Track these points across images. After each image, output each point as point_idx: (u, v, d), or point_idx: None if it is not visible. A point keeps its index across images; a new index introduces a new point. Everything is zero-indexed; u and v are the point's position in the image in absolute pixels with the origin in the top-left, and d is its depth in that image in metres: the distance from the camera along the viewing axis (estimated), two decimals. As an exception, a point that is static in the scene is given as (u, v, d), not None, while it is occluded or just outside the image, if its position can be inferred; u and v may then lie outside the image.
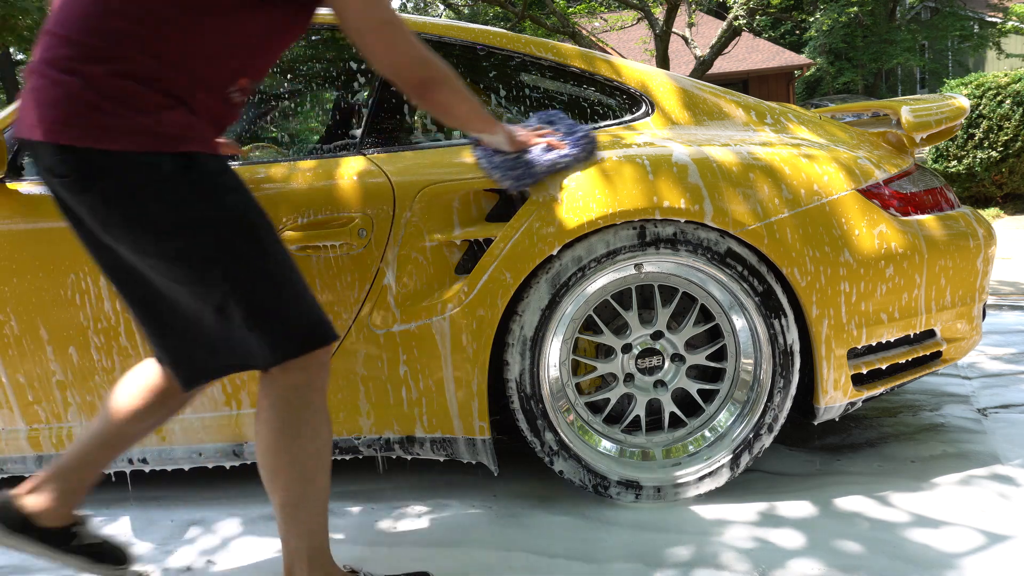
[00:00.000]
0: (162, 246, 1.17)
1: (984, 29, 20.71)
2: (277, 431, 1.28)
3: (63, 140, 1.13)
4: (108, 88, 1.12)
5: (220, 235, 1.19)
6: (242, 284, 1.20)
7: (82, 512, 1.49)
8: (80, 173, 1.14)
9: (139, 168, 1.14)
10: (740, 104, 2.03)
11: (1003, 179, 7.44)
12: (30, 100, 1.17)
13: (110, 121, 1.12)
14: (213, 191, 1.19)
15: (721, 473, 1.84)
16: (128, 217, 1.15)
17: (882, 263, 1.77)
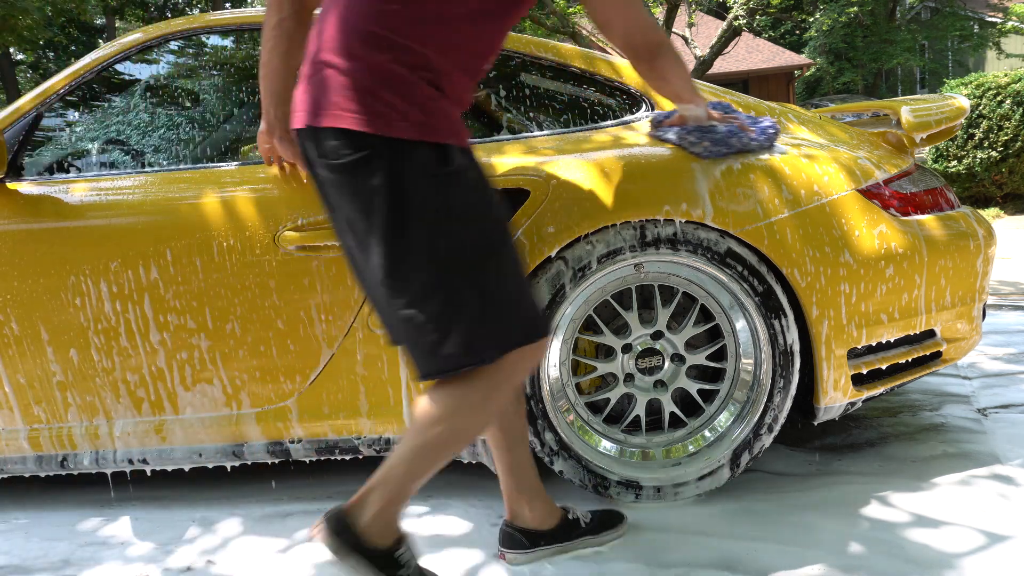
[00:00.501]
0: (415, 232, 1.19)
1: (984, 29, 20.71)
2: (470, 393, 1.26)
3: (341, 124, 1.17)
4: (388, 76, 1.17)
5: (471, 227, 1.22)
6: (485, 275, 1.22)
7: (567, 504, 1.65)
8: (353, 156, 1.17)
9: (407, 155, 1.17)
10: (740, 104, 2.03)
11: (1003, 179, 7.44)
12: (308, 90, 1.22)
13: (385, 109, 1.16)
14: (470, 184, 1.23)
15: (721, 473, 1.84)
16: (390, 202, 1.18)
17: (882, 263, 1.77)
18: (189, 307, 1.79)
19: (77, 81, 1.92)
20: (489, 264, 1.24)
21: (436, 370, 1.25)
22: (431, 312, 1.22)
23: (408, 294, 1.22)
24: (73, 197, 1.82)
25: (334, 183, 1.22)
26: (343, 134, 1.17)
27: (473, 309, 1.22)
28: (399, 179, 1.18)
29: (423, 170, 1.19)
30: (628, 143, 1.84)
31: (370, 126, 1.16)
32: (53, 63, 24.07)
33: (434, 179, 1.19)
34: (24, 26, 11.75)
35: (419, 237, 1.20)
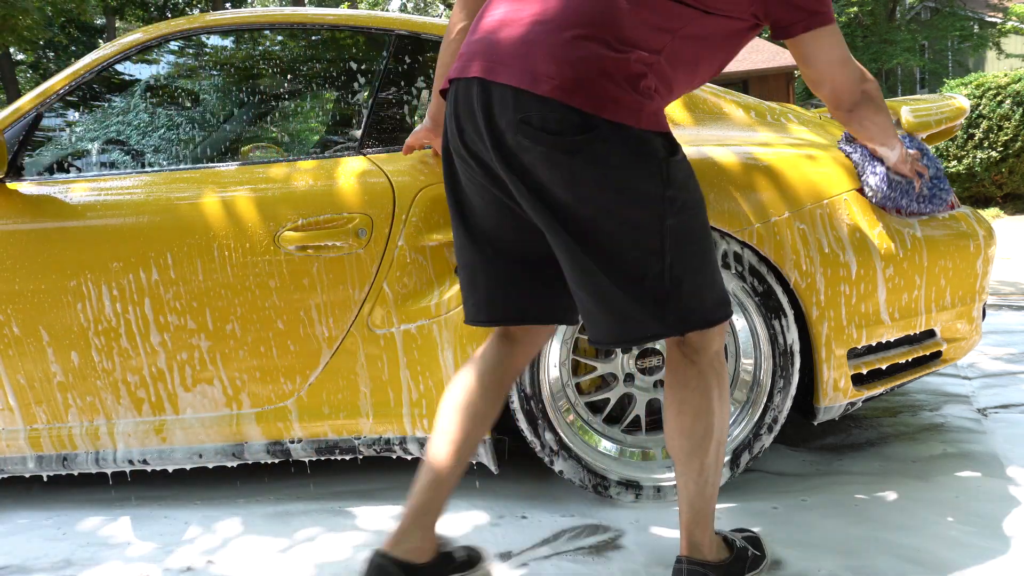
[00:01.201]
0: (625, 211, 1.23)
1: (984, 29, 20.72)
2: (707, 396, 1.35)
3: (574, 102, 1.18)
4: (622, 69, 1.20)
5: (679, 213, 1.25)
6: (678, 260, 1.26)
7: (442, 534, 1.50)
8: (579, 135, 1.19)
9: (634, 142, 1.21)
10: (740, 104, 2.03)
11: (1003, 179, 7.44)
12: (528, 49, 1.22)
13: (619, 95, 1.19)
14: (682, 174, 1.27)
15: (721, 473, 1.84)
16: (606, 182, 1.21)
17: (882, 263, 1.77)
18: (189, 307, 1.79)
19: (77, 81, 1.92)
20: (697, 247, 1.31)
21: (704, 320, 1.32)
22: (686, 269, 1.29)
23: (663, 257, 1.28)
24: (73, 197, 1.82)
25: (534, 154, 1.22)
26: (572, 111, 1.19)
27: (676, 287, 1.28)
28: (617, 161, 1.23)
29: (646, 154, 1.24)
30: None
31: (600, 109, 1.19)
32: (53, 63, 24.06)
33: (656, 164, 1.25)
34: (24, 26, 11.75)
35: (630, 217, 1.26)
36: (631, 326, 1.29)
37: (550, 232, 1.27)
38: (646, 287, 1.26)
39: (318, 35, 2.12)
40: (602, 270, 1.26)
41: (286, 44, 2.23)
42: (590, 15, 1.22)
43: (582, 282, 1.29)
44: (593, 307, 1.30)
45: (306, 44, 2.18)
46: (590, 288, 1.28)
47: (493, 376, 1.45)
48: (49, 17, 14.03)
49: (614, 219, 1.23)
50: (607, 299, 1.28)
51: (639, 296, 1.26)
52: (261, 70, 2.22)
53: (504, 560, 1.63)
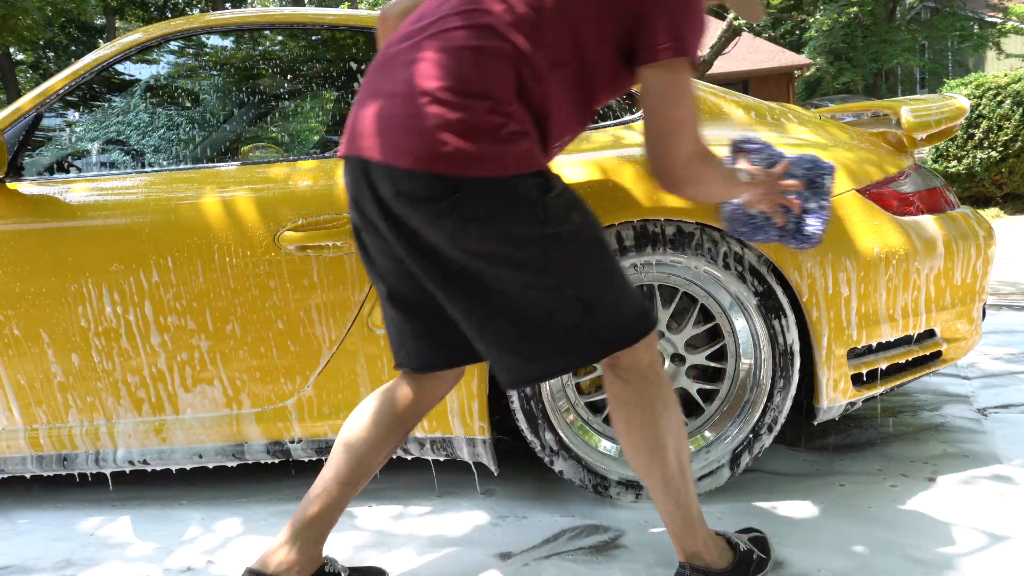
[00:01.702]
0: (513, 256, 1.23)
1: (984, 29, 20.72)
2: (650, 408, 1.35)
3: (435, 169, 1.18)
4: (486, 123, 1.19)
5: (566, 246, 1.25)
6: (581, 287, 1.27)
7: (330, 556, 1.49)
8: (449, 198, 1.19)
9: (504, 192, 1.21)
10: (740, 104, 2.03)
11: (1003, 179, 7.44)
12: (388, 125, 1.22)
13: (478, 152, 1.18)
14: (559, 208, 1.26)
15: (721, 473, 1.84)
16: (489, 235, 1.22)
17: (882, 263, 1.77)
18: (189, 308, 1.79)
19: (77, 81, 1.92)
20: (595, 273, 1.30)
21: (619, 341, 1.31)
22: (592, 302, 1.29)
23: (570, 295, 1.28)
24: (73, 197, 1.82)
25: (414, 219, 1.23)
26: (437, 178, 1.19)
27: (586, 317, 1.28)
28: (493, 212, 1.23)
29: (519, 199, 1.23)
30: (628, 143, 1.84)
31: (462, 168, 1.19)
32: (53, 63, 24.06)
33: (532, 206, 1.24)
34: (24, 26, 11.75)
35: (521, 260, 1.26)
36: (546, 364, 1.30)
37: (443, 293, 1.28)
38: (556, 323, 1.26)
39: (318, 35, 2.12)
40: (505, 319, 1.27)
41: (286, 44, 2.23)
42: (436, 78, 1.21)
43: (485, 336, 1.30)
44: (498, 355, 1.31)
45: (306, 44, 2.18)
46: (493, 339, 1.29)
47: (398, 411, 1.46)
48: (49, 17, 14.03)
49: (505, 268, 1.24)
50: (513, 346, 1.29)
51: (549, 334, 1.27)
52: (261, 70, 2.22)
53: (504, 560, 1.63)
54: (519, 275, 1.24)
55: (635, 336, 1.32)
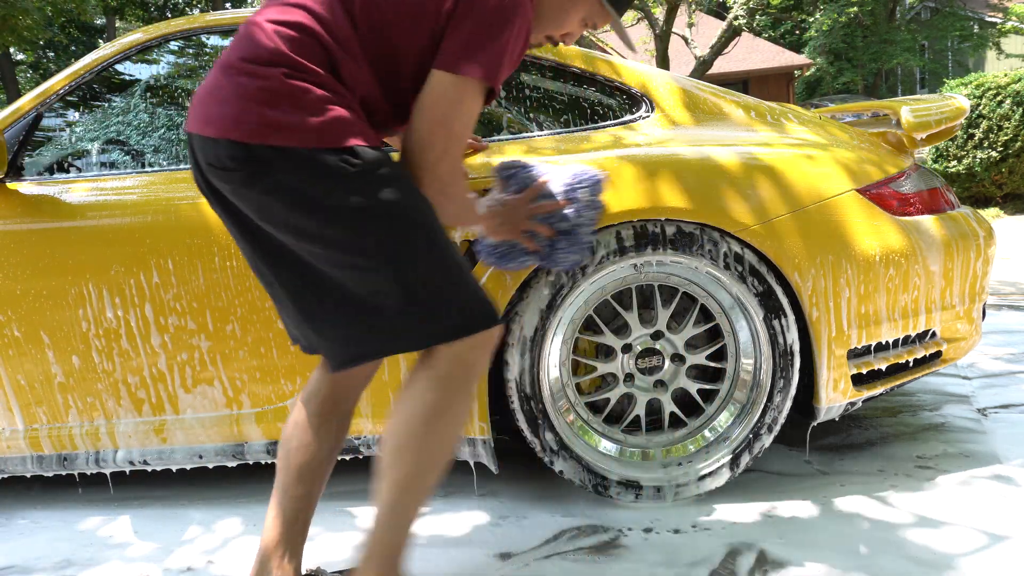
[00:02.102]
0: (323, 232, 1.20)
1: (984, 29, 20.72)
2: (429, 404, 1.25)
3: (233, 136, 1.17)
4: (282, 88, 1.17)
5: (381, 224, 1.20)
6: (401, 270, 1.22)
7: (309, 568, 1.49)
8: (249, 168, 1.18)
9: (305, 162, 1.17)
10: (740, 104, 2.03)
11: (1003, 179, 7.44)
12: (204, 97, 1.23)
13: (277, 119, 1.17)
14: (373, 182, 1.20)
15: (721, 473, 1.84)
16: (292, 206, 1.19)
17: (882, 264, 1.77)
18: (190, 308, 1.79)
19: (77, 81, 1.92)
20: (411, 256, 1.24)
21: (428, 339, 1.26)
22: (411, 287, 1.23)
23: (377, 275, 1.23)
24: (73, 197, 1.82)
25: (227, 190, 1.22)
26: (236, 146, 1.18)
27: (400, 301, 1.23)
28: (295, 184, 1.19)
29: (323, 173, 1.19)
30: (628, 143, 1.84)
31: (263, 137, 1.17)
32: (53, 63, 24.06)
33: (336, 180, 1.20)
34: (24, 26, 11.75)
35: (328, 236, 1.21)
36: (370, 345, 1.26)
37: (266, 269, 1.26)
38: (379, 305, 1.22)
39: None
40: (325, 298, 1.23)
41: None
42: (239, 49, 1.22)
43: (307, 315, 1.27)
44: (322, 336, 1.27)
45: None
46: (315, 319, 1.26)
47: (322, 401, 1.42)
48: (49, 17, 14.03)
49: (316, 244, 1.20)
50: (336, 326, 1.25)
51: (372, 315, 1.23)
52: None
53: (505, 560, 1.63)
54: (331, 253, 1.20)
55: (461, 331, 1.25)
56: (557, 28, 1.40)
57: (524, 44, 1.29)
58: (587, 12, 1.40)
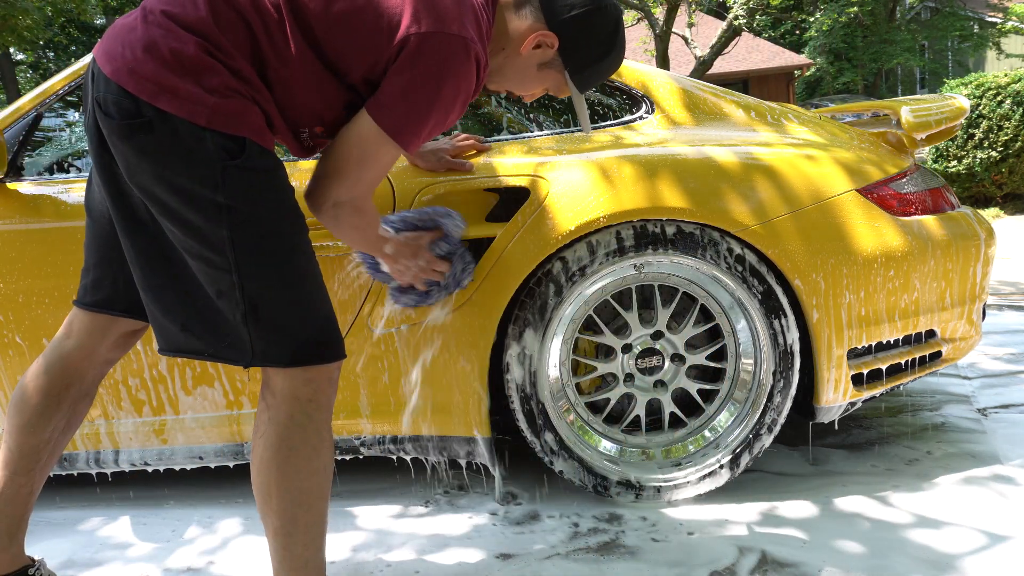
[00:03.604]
0: (182, 214, 1.16)
1: (984, 29, 20.71)
2: (274, 447, 1.21)
3: (128, 86, 1.13)
4: (192, 57, 1.14)
5: (242, 226, 1.17)
6: (250, 281, 1.18)
7: (34, 557, 1.47)
8: (129, 120, 1.14)
9: (186, 137, 1.14)
10: (740, 104, 2.03)
11: (1003, 179, 7.44)
12: (117, 31, 1.19)
13: (178, 86, 1.13)
14: (246, 183, 1.17)
15: (721, 473, 1.84)
16: (159, 177, 1.15)
17: (881, 264, 1.77)
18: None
19: (77, 81, 1.92)
20: (262, 269, 1.21)
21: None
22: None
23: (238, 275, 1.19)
24: (73, 197, 1.82)
25: (108, 138, 1.19)
26: (125, 95, 1.14)
27: (238, 310, 1.19)
28: (167, 153, 1.16)
29: (198, 153, 1.16)
30: (628, 143, 1.84)
31: (151, 96, 1.14)
32: (53, 63, 24.06)
33: (209, 166, 1.16)
34: (24, 26, 11.75)
35: (184, 218, 1.18)
36: (200, 342, 1.21)
37: (118, 225, 1.22)
38: (220, 308, 1.19)
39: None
40: (171, 279, 1.20)
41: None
42: (167, 2, 1.17)
43: (147, 288, 1.23)
44: (157, 313, 1.24)
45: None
46: (155, 295, 1.23)
47: (53, 377, 1.38)
48: (49, 17, 14.03)
49: (176, 224, 1.17)
50: (173, 309, 1.22)
51: (211, 315, 1.20)
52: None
53: (505, 560, 1.63)
54: (188, 239, 1.17)
55: (293, 360, 1.20)
56: (518, 89, 1.42)
57: (461, 108, 1.28)
58: (552, 84, 1.42)
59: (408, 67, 1.20)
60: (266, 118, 1.22)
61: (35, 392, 1.38)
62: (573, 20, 1.33)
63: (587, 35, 1.35)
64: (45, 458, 1.40)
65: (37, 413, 1.37)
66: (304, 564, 1.26)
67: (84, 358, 1.40)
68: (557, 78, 1.39)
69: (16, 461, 1.38)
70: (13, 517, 1.39)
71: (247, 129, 1.16)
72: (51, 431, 1.39)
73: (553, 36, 1.34)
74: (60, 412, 1.39)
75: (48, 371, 1.39)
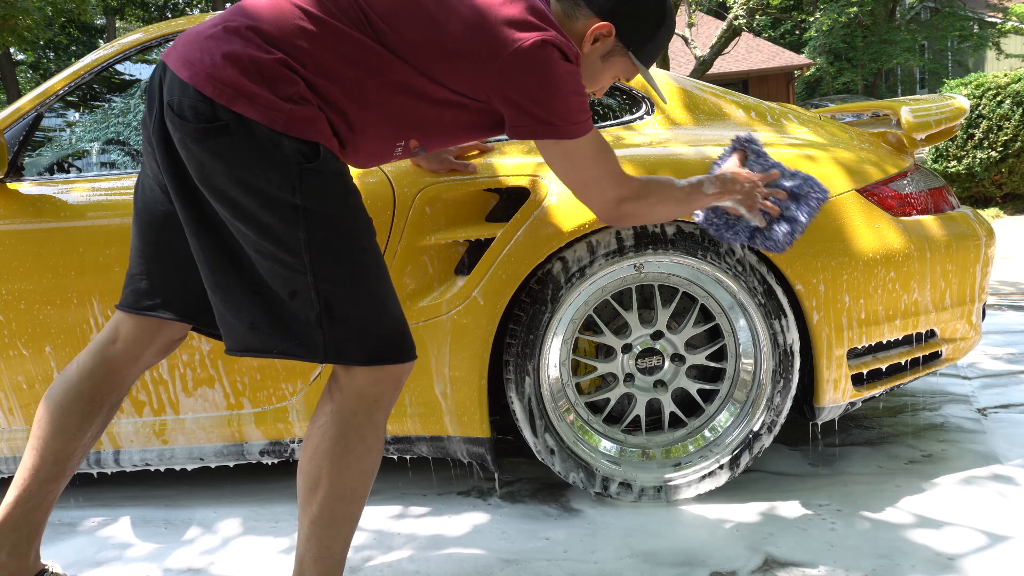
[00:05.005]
0: (258, 216, 1.18)
1: (984, 29, 20.71)
2: (332, 439, 1.22)
3: (206, 90, 1.16)
4: (271, 68, 1.17)
5: (318, 228, 1.19)
6: (325, 281, 1.20)
7: (45, 561, 1.46)
8: (205, 124, 1.16)
9: (263, 140, 1.16)
10: (740, 104, 2.03)
11: (1003, 179, 7.44)
12: (193, 38, 1.22)
13: (255, 92, 1.16)
14: (321, 186, 1.20)
15: (721, 473, 1.84)
16: (235, 180, 1.17)
17: (881, 264, 1.77)
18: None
19: (77, 81, 1.92)
20: (335, 271, 1.23)
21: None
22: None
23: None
24: (73, 197, 1.82)
25: (179, 142, 1.21)
26: (203, 99, 1.17)
27: (312, 310, 1.21)
28: (243, 156, 1.19)
29: (274, 155, 1.19)
30: (628, 143, 1.84)
31: (229, 101, 1.17)
32: (53, 63, 24.08)
33: (285, 168, 1.19)
34: (24, 26, 11.75)
35: (259, 219, 1.20)
36: (272, 341, 1.22)
37: (187, 227, 1.24)
38: (293, 308, 1.20)
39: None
40: (242, 280, 1.21)
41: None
42: (255, 12, 1.21)
43: (215, 288, 1.24)
44: (225, 312, 1.24)
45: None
46: (223, 294, 1.23)
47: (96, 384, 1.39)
48: (49, 17, 14.03)
49: (249, 225, 1.18)
50: (243, 310, 1.22)
51: (284, 315, 1.21)
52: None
53: (504, 560, 1.63)
54: (263, 241, 1.19)
55: (366, 360, 1.22)
56: (591, 85, 1.45)
57: (583, 88, 1.33)
58: (619, 70, 1.45)
59: (517, 88, 1.26)
60: (333, 130, 1.24)
61: (77, 397, 1.38)
62: (620, 3, 1.37)
63: (638, 12, 1.38)
64: (72, 465, 1.41)
65: (79, 418, 1.38)
66: (331, 557, 1.27)
67: (129, 363, 1.41)
68: (623, 63, 1.43)
69: (48, 468, 1.37)
70: (33, 524, 1.40)
71: (320, 135, 1.20)
72: (89, 437, 1.40)
73: (608, 25, 1.37)
74: (100, 417, 1.41)
75: (92, 376, 1.39)
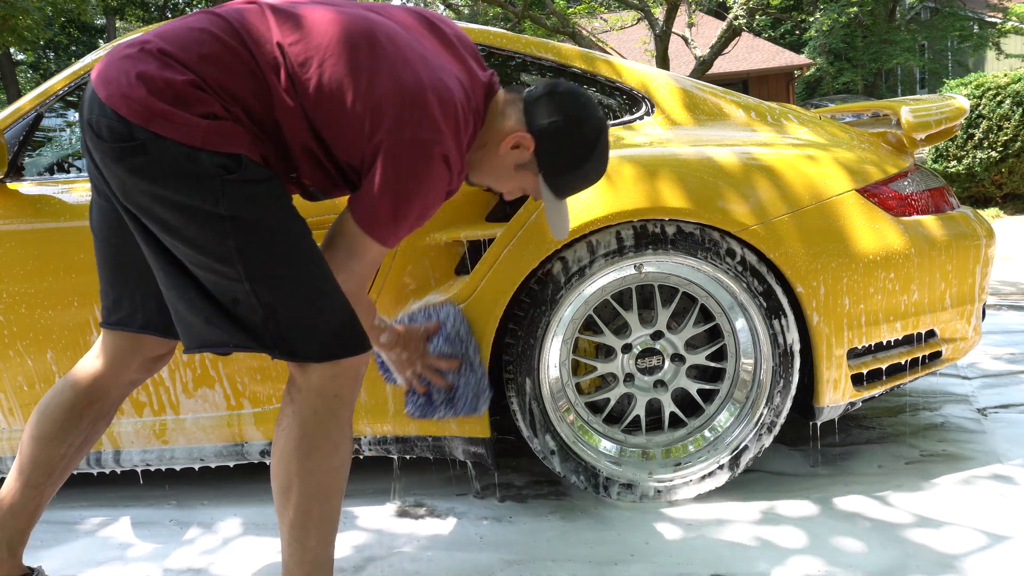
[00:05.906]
0: (184, 230, 1.17)
1: (984, 29, 20.71)
2: (296, 440, 1.23)
3: (121, 111, 1.15)
4: (184, 92, 1.16)
5: (247, 235, 1.18)
6: (263, 286, 1.19)
7: (32, 566, 1.48)
8: (121, 144, 1.15)
9: (180, 158, 1.15)
10: (740, 104, 2.03)
11: (1003, 179, 7.44)
12: (115, 55, 1.21)
13: (168, 112, 1.15)
14: (246, 194, 1.18)
15: (721, 473, 1.84)
16: (155, 197, 1.17)
17: (881, 264, 1.77)
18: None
19: (77, 81, 1.92)
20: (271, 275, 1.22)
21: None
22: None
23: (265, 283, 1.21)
24: (73, 197, 1.82)
25: (99, 161, 1.20)
26: (118, 120, 1.16)
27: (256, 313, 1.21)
28: (160, 173, 1.18)
29: (192, 171, 1.18)
30: (628, 143, 1.84)
31: (144, 120, 1.16)
32: (53, 63, 24.08)
33: (205, 183, 1.18)
34: (24, 26, 11.76)
35: (185, 234, 1.20)
36: (227, 335, 1.22)
37: (136, 235, 1.24)
38: (239, 313, 1.20)
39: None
40: (190, 286, 1.21)
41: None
42: (171, 36, 1.21)
43: (169, 292, 1.24)
44: (180, 313, 1.24)
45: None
46: (176, 296, 1.23)
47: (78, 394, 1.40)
48: (49, 17, 14.04)
49: (179, 240, 1.18)
50: (196, 310, 1.22)
51: (233, 318, 1.21)
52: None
53: (505, 560, 1.63)
54: (195, 253, 1.18)
55: (320, 355, 1.22)
56: (496, 185, 1.45)
57: (436, 205, 1.31)
58: (528, 185, 1.43)
59: (382, 169, 1.23)
60: (256, 140, 1.23)
61: (58, 406, 1.39)
62: (551, 126, 1.35)
63: (564, 143, 1.36)
64: (57, 474, 1.41)
65: (57, 426, 1.39)
66: (315, 559, 1.27)
67: (110, 377, 1.42)
68: (534, 181, 1.41)
69: (29, 472, 1.39)
70: (16, 530, 1.40)
71: (238, 146, 1.18)
72: (67, 447, 1.41)
73: (530, 138, 1.35)
74: (79, 429, 1.41)
75: (74, 387, 1.40)
